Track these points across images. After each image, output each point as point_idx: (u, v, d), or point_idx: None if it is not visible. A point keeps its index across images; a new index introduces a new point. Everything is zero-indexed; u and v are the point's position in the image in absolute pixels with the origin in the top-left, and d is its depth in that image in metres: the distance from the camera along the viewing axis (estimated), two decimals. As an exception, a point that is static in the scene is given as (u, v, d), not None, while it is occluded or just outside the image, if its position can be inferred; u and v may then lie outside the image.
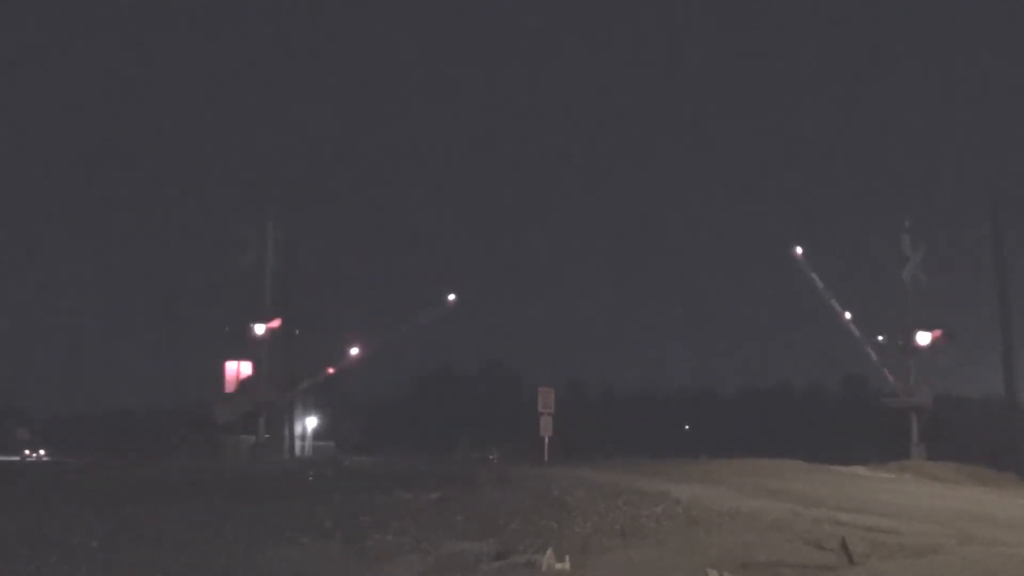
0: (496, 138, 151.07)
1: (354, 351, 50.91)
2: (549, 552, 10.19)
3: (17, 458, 54.23)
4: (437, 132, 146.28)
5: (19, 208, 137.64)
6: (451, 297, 52.07)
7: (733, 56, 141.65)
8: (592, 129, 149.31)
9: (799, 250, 41.32)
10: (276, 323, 43.71)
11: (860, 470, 26.72)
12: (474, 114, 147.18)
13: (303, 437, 51.34)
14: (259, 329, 43.16)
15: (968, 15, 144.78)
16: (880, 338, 42.82)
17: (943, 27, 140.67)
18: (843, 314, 42.79)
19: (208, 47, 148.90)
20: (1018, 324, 41.74)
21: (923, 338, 40.71)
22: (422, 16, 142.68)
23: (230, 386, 43.28)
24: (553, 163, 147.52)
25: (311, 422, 53.05)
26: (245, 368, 43.47)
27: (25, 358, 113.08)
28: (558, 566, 9.95)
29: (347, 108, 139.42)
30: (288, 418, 47.73)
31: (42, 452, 60.38)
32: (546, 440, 31.72)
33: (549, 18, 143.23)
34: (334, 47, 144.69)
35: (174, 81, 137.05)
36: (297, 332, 45.46)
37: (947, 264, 43.23)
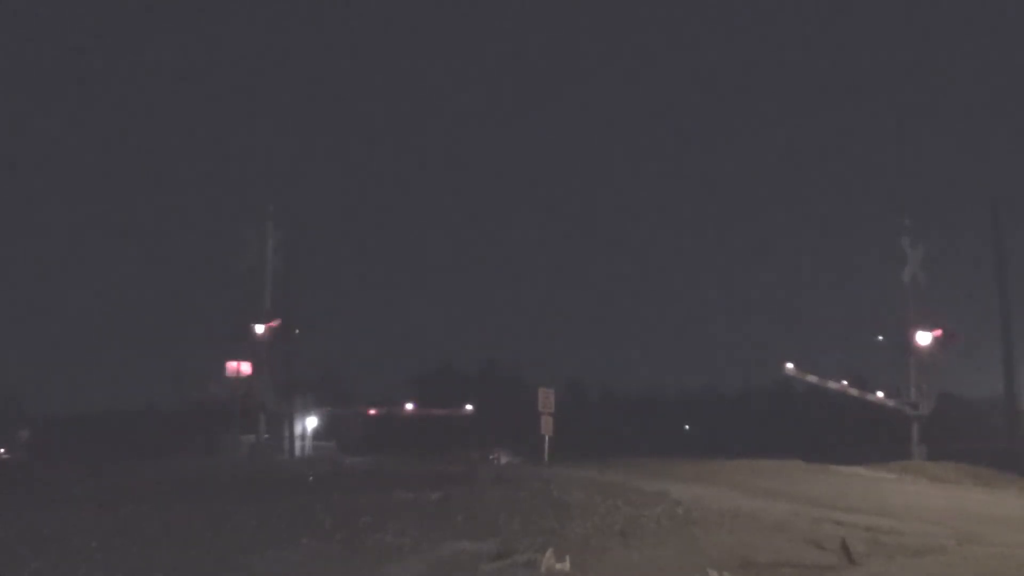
0: (497, 137, 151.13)
1: (371, 411, 57.95)
2: (549, 552, 10.17)
3: None
4: (437, 131, 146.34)
5: (18, 208, 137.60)
6: (468, 407, 59.30)
7: (733, 57, 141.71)
8: (593, 129, 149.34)
9: (790, 365, 42.42)
10: (276, 322, 43.73)
11: (860, 470, 26.68)
12: (475, 112, 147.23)
13: (303, 437, 51.34)
14: (259, 329, 43.19)
15: (968, 15, 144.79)
16: (880, 338, 42.97)
17: (943, 27, 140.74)
18: (843, 386, 44.30)
19: (209, 47, 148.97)
20: (1018, 324, 41.69)
21: (923, 338, 40.75)
22: (420, 16, 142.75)
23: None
24: (554, 163, 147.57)
25: (311, 422, 53.09)
26: (245, 368, 43.49)
27: (25, 358, 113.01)
28: (558, 566, 9.93)
29: (347, 108, 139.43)
30: (288, 418, 47.74)
31: (2, 451, 60.00)
32: (546, 440, 31.73)
33: (553, 18, 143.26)
34: (335, 47, 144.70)
35: (175, 81, 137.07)
36: (297, 332, 45.52)
37: (948, 264, 43.30)
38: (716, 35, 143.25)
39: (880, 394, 44.30)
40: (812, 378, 43.02)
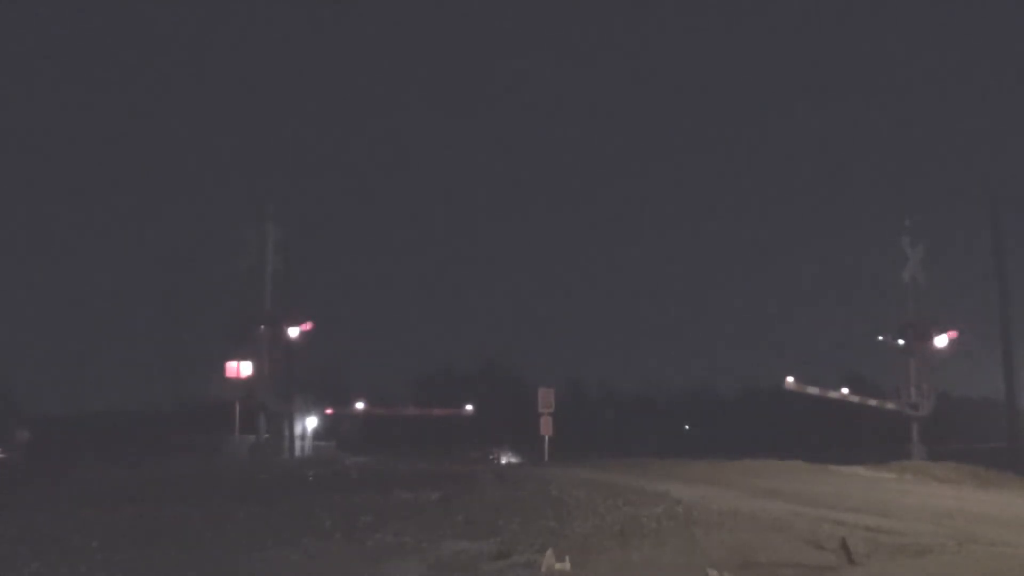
0: (496, 137, 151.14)
1: (359, 405, 57.43)
2: (549, 552, 10.17)
3: None
4: (437, 130, 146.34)
5: (18, 207, 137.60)
6: (468, 407, 59.40)
7: (733, 57, 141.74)
8: (592, 129, 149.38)
9: (790, 379, 42.84)
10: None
11: (860, 470, 26.67)
12: (474, 112, 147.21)
13: (303, 437, 51.36)
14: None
15: (968, 14, 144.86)
16: (880, 338, 43.11)
17: (942, 25, 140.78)
18: (845, 395, 45.14)
19: (209, 46, 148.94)
20: (1018, 323, 41.72)
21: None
22: (421, 16, 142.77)
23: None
24: (553, 162, 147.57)
25: (311, 422, 53.13)
26: (245, 368, 43.47)
27: (24, 358, 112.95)
28: (558, 566, 9.93)
29: (347, 108, 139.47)
30: (288, 418, 47.75)
31: None
32: (546, 440, 31.78)
33: (553, 17, 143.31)
34: (336, 46, 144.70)
35: (174, 80, 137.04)
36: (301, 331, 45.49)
37: (948, 264, 43.42)
38: (716, 35, 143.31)
39: (880, 398, 44.50)
40: (813, 390, 43.43)
